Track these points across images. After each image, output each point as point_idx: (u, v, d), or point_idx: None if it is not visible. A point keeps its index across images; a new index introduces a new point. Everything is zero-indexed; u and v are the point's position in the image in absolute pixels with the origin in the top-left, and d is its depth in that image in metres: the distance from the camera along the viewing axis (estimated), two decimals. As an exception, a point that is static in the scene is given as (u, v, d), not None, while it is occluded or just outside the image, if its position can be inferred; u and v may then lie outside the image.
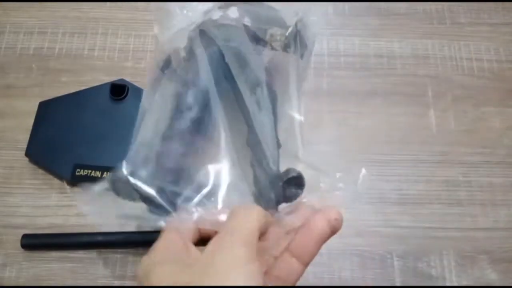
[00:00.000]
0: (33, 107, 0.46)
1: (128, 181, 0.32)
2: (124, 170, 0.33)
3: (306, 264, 0.26)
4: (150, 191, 0.32)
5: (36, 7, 0.52)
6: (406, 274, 0.40)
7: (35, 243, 0.41)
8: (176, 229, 0.26)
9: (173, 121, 0.38)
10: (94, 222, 0.35)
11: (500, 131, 0.47)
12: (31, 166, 0.44)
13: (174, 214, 0.30)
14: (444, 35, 0.51)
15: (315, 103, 0.47)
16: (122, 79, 0.46)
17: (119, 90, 0.45)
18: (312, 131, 0.46)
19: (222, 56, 0.39)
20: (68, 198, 0.43)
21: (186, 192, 0.32)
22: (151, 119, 0.38)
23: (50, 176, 0.44)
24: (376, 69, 0.49)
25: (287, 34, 0.40)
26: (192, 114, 0.38)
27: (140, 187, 0.32)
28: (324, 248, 0.41)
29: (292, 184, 0.33)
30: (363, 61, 0.50)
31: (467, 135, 0.46)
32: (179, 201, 0.32)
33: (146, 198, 0.32)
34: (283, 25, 0.41)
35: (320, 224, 0.26)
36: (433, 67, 0.50)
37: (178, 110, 0.38)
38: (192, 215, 0.28)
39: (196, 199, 0.32)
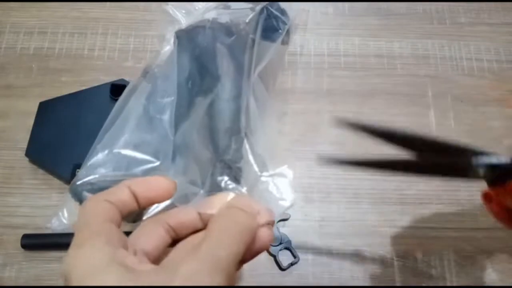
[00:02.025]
0: (33, 107, 0.46)
1: (82, 195, 0.33)
2: (77, 184, 0.34)
3: (243, 263, 0.24)
4: None
5: (37, 7, 0.52)
6: (406, 274, 0.40)
7: (35, 243, 0.41)
8: (107, 205, 0.22)
9: (140, 128, 0.38)
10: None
11: (500, 131, 0.47)
12: (31, 166, 0.44)
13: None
14: (444, 35, 0.52)
15: (315, 103, 0.48)
16: (122, 79, 0.46)
17: (119, 90, 0.45)
18: (312, 131, 0.46)
19: (193, 57, 0.41)
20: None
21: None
22: (119, 124, 0.38)
23: (50, 176, 0.44)
24: (376, 69, 0.49)
25: (247, 21, 0.41)
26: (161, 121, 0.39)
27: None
28: (324, 248, 0.41)
29: (226, 169, 0.33)
30: (363, 61, 0.50)
31: (467, 135, 0.46)
32: None
33: None
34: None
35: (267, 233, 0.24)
36: (433, 67, 0.50)
37: (147, 117, 0.39)
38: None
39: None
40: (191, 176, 0.37)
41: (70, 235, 0.40)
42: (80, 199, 0.34)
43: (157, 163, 0.36)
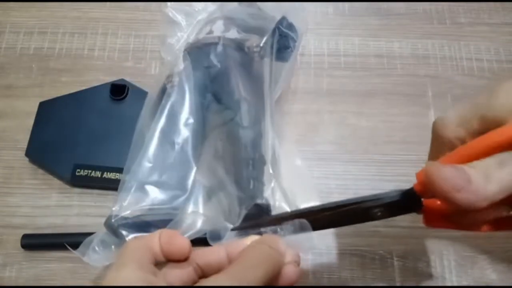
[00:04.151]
0: (33, 107, 0.46)
1: (117, 231, 0.35)
2: (113, 220, 0.36)
3: None
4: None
5: (37, 7, 0.52)
6: (406, 274, 0.40)
7: (35, 243, 0.41)
8: (145, 246, 0.25)
9: (163, 155, 0.39)
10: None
11: (500, 131, 0.47)
12: (31, 166, 0.44)
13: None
14: (444, 35, 0.51)
15: (315, 103, 0.48)
16: (122, 79, 0.46)
17: (119, 90, 0.45)
18: (312, 131, 0.46)
19: (207, 77, 0.41)
20: (68, 198, 0.43)
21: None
22: (144, 152, 0.39)
23: (50, 176, 0.44)
24: (376, 69, 0.49)
25: (261, 44, 0.41)
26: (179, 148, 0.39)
27: (127, 234, 0.35)
28: (324, 248, 0.41)
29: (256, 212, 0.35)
30: (363, 61, 0.50)
31: (467, 135, 0.46)
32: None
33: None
34: (263, 33, 0.42)
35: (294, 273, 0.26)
36: (433, 67, 0.50)
37: (169, 142, 0.39)
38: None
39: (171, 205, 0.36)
40: (220, 209, 0.38)
41: (70, 235, 0.40)
42: (115, 234, 0.35)
43: (186, 194, 0.37)
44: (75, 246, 0.41)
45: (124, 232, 0.35)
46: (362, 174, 0.44)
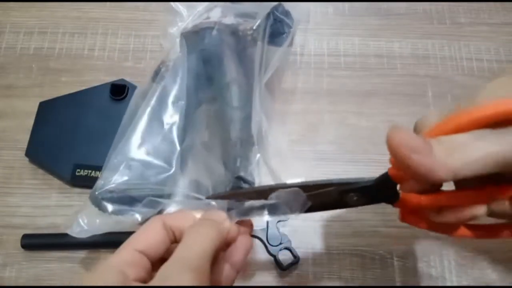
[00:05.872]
0: (33, 107, 0.46)
1: (101, 203, 0.36)
2: (97, 193, 0.36)
3: (238, 271, 0.29)
4: (121, 207, 0.36)
5: (37, 7, 0.52)
6: (406, 274, 0.40)
7: (35, 243, 0.41)
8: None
9: (151, 133, 0.39)
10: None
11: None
12: (31, 166, 0.44)
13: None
14: (444, 35, 0.52)
15: (315, 103, 0.48)
16: (122, 79, 0.46)
17: (119, 90, 0.45)
18: (312, 131, 0.46)
19: (200, 60, 0.42)
20: (68, 198, 0.43)
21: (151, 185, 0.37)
22: (133, 131, 0.39)
23: (50, 176, 0.44)
24: (376, 69, 0.49)
25: (254, 27, 0.41)
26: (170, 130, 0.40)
27: (111, 208, 0.36)
28: (324, 248, 0.41)
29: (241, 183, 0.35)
30: (363, 61, 0.50)
31: (467, 135, 0.46)
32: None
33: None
34: (259, 18, 0.42)
35: (248, 241, 0.30)
36: (433, 67, 0.50)
37: (158, 121, 0.39)
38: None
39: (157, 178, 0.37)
40: (204, 187, 0.38)
41: (70, 235, 0.40)
42: (100, 207, 0.35)
43: (171, 170, 0.38)
44: (75, 245, 0.41)
45: (107, 205, 0.35)
46: (362, 174, 0.44)
